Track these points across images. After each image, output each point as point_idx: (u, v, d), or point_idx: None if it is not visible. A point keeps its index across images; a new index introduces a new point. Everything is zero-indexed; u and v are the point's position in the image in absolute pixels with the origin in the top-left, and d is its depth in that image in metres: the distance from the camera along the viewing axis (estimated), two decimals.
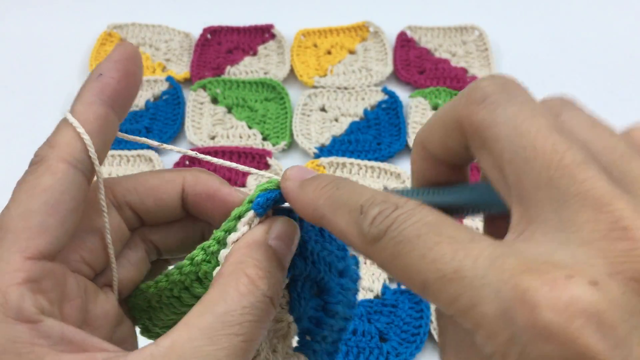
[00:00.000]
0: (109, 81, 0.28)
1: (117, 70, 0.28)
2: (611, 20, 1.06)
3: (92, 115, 0.27)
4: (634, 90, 0.95)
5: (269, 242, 0.28)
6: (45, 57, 1.00)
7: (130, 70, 0.28)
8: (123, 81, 0.28)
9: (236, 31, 1.02)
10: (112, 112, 0.28)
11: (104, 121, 0.27)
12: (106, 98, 0.28)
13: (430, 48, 1.00)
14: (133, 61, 0.28)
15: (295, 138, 0.86)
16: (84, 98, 0.28)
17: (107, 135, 0.28)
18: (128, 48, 0.29)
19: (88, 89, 0.28)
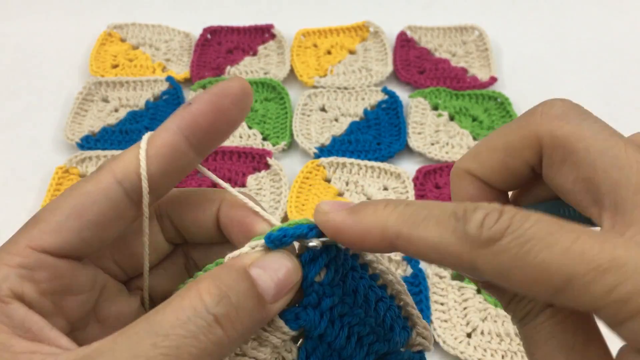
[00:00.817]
0: (193, 112, 0.27)
1: (208, 103, 0.27)
2: (610, 20, 1.06)
3: (162, 141, 0.27)
4: (633, 91, 0.95)
5: (249, 269, 0.26)
6: (46, 56, 1.00)
7: (223, 106, 0.27)
8: (210, 116, 0.27)
9: (236, 31, 1.03)
10: (186, 143, 0.27)
11: (172, 149, 0.27)
12: (184, 128, 0.27)
13: (430, 48, 1.00)
14: (231, 98, 0.27)
15: (295, 138, 0.86)
16: (166, 123, 0.27)
17: (176, 164, 0.27)
18: (233, 84, 0.27)
19: (173, 116, 0.27)
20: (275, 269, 0.26)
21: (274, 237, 0.27)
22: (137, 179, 0.26)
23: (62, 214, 0.26)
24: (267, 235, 0.27)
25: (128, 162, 0.26)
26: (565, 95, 1.09)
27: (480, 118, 0.89)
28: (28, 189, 0.81)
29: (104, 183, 0.26)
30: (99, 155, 0.83)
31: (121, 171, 0.26)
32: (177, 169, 0.27)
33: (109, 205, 0.26)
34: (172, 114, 0.27)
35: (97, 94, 0.93)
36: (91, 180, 0.26)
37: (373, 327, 0.29)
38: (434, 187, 0.81)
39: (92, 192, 0.26)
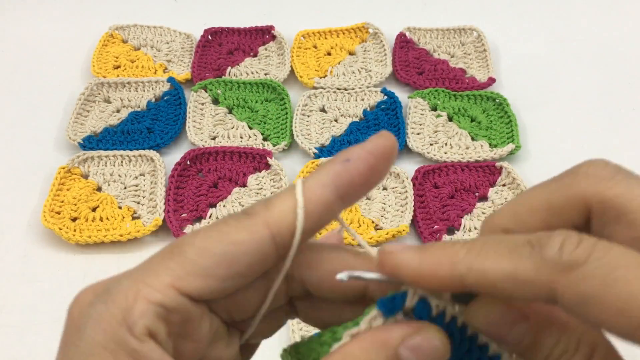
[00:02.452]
0: (351, 171, 0.26)
1: (365, 162, 0.26)
2: (609, 21, 1.07)
3: (320, 199, 0.26)
4: (632, 91, 0.96)
5: (399, 349, 0.24)
6: (47, 57, 1.01)
7: (378, 167, 0.26)
8: (366, 175, 0.26)
9: (237, 32, 1.03)
10: (339, 202, 0.26)
11: (326, 207, 0.26)
12: (341, 186, 0.26)
13: (429, 49, 1.01)
14: (386, 157, 0.26)
15: (296, 138, 0.87)
16: (322, 177, 0.26)
17: (323, 220, 0.26)
18: (388, 143, 0.26)
19: (329, 169, 0.26)
20: (424, 351, 0.24)
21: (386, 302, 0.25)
22: (289, 235, 0.25)
23: (212, 259, 0.25)
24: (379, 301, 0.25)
25: (284, 216, 0.25)
26: (564, 96, 1.10)
27: (479, 118, 0.90)
28: (30, 188, 0.82)
29: (258, 235, 0.25)
30: (101, 155, 0.84)
31: (276, 225, 0.25)
32: (324, 223, 0.27)
33: (259, 258, 0.25)
34: (327, 166, 0.26)
35: (99, 95, 0.93)
36: (244, 228, 0.25)
37: None
38: (433, 187, 0.82)
39: (245, 242, 0.25)
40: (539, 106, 0.93)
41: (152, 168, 0.83)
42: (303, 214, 0.25)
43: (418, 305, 0.25)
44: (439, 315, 0.25)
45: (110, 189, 0.81)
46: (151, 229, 0.75)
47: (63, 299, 0.77)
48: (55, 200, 0.79)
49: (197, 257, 0.25)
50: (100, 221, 0.77)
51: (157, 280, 0.24)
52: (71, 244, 0.75)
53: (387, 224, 0.77)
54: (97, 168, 0.83)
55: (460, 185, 0.81)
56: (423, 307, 0.25)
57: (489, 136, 0.88)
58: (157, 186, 0.80)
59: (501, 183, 0.82)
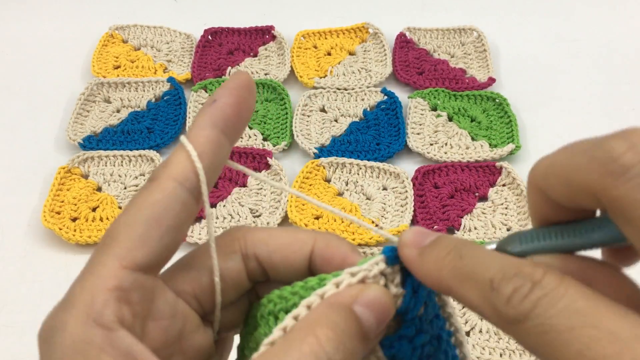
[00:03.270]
0: (222, 107, 0.28)
1: (231, 96, 0.29)
2: (609, 21, 1.07)
3: (204, 139, 0.28)
4: (631, 92, 0.96)
5: (353, 307, 0.26)
6: (48, 57, 1.01)
7: (243, 97, 0.29)
8: (236, 107, 0.29)
9: (237, 32, 1.03)
10: (224, 136, 0.28)
11: (214, 144, 0.28)
12: (218, 122, 0.28)
13: (429, 49, 1.01)
14: (246, 89, 0.29)
15: (296, 138, 0.87)
16: (198, 123, 0.28)
17: (218, 157, 0.28)
18: (243, 77, 0.29)
19: (202, 114, 0.29)
20: (375, 305, 0.26)
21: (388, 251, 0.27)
22: (195, 178, 0.27)
23: (142, 228, 0.26)
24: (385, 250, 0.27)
25: (182, 164, 0.27)
26: (564, 96, 1.10)
27: (479, 118, 0.90)
28: (30, 188, 0.82)
29: (169, 189, 0.27)
30: (101, 155, 0.84)
31: (180, 174, 0.27)
32: (221, 160, 0.29)
33: (180, 208, 0.27)
34: (199, 113, 0.29)
35: (99, 95, 0.93)
36: (154, 190, 0.27)
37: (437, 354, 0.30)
38: (433, 187, 0.82)
39: (161, 200, 0.27)
40: (539, 106, 0.93)
41: (152, 168, 0.83)
42: (196, 154, 0.27)
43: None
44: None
45: (110, 189, 0.81)
46: None
47: None
48: (55, 200, 0.79)
49: (128, 232, 0.26)
50: (100, 221, 0.77)
51: (105, 268, 0.25)
52: (71, 244, 0.75)
53: (387, 224, 0.77)
54: (97, 168, 0.83)
55: (460, 185, 0.81)
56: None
57: (489, 136, 0.88)
58: None
59: (501, 183, 0.82)
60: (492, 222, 0.78)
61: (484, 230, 0.77)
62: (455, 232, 0.77)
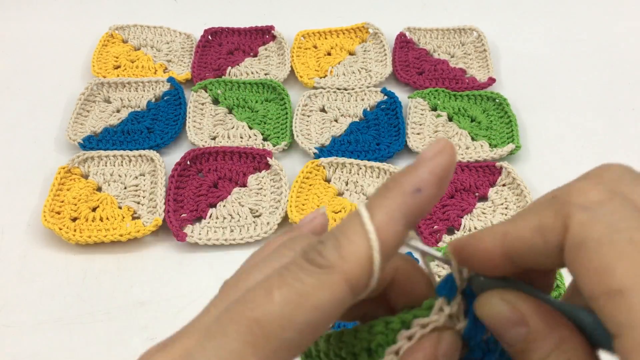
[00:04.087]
0: (423, 201, 0.24)
1: (439, 188, 0.24)
2: (609, 21, 1.07)
3: (393, 238, 0.24)
4: (632, 91, 0.96)
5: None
6: (47, 58, 1.01)
7: (444, 186, 0.25)
8: (435, 199, 0.25)
9: (237, 32, 1.03)
10: (407, 233, 0.25)
11: (399, 243, 0.24)
12: (413, 219, 0.24)
13: (429, 49, 1.01)
14: (449, 174, 0.25)
15: (296, 138, 0.87)
16: (392, 211, 0.24)
17: (393, 255, 0.25)
18: (451, 157, 0.25)
19: (400, 201, 0.24)
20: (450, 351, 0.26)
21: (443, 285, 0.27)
22: (365, 280, 0.24)
23: (295, 331, 0.22)
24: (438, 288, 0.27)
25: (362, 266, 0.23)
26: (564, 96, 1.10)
27: (479, 119, 0.90)
28: (30, 188, 0.82)
29: (341, 294, 0.23)
30: (101, 155, 0.84)
31: (355, 277, 0.23)
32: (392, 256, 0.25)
33: (339, 314, 0.24)
34: (394, 193, 0.24)
35: (99, 95, 0.93)
36: (323, 288, 0.23)
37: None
38: None
39: (327, 304, 0.23)
40: (539, 106, 0.93)
41: (152, 168, 0.83)
42: (380, 260, 0.23)
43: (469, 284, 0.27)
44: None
45: (110, 189, 0.81)
46: (151, 229, 0.75)
47: (63, 299, 0.77)
48: (55, 200, 0.79)
49: (280, 332, 0.22)
50: (100, 221, 0.77)
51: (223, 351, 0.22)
52: (71, 244, 0.75)
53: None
54: (97, 168, 0.83)
55: (460, 185, 0.81)
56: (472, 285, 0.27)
57: (489, 136, 0.88)
58: (157, 186, 0.81)
59: (501, 183, 0.82)
60: (492, 222, 0.78)
61: None
62: (455, 232, 0.77)
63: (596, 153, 0.87)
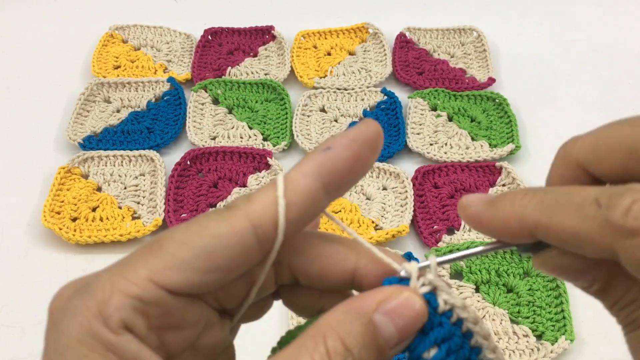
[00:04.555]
0: (334, 158, 0.25)
1: (347, 149, 0.25)
2: (609, 21, 1.07)
3: (302, 188, 0.25)
4: (631, 92, 0.96)
5: (373, 316, 0.24)
6: (48, 57, 1.01)
7: (361, 153, 0.26)
8: (349, 162, 0.25)
9: (237, 32, 1.03)
10: (324, 191, 0.25)
11: (310, 196, 0.25)
12: (324, 175, 0.25)
13: (429, 49, 1.01)
14: (369, 146, 0.26)
15: (296, 138, 0.87)
16: (303, 167, 0.25)
17: (310, 212, 0.25)
18: (370, 129, 0.26)
19: (311, 158, 0.25)
20: (400, 314, 0.24)
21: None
22: (272, 227, 0.24)
23: (190, 252, 0.24)
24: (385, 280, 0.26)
25: (265, 208, 0.24)
26: (564, 96, 1.10)
27: (479, 119, 0.90)
28: (30, 188, 0.82)
29: (239, 227, 0.24)
30: (101, 155, 0.84)
31: (258, 217, 0.24)
32: (311, 215, 0.26)
33: (240, 251, 0.24)
34: (308, 155, 0.25)
35: (99, 95, 0.93)
36: (224, 221, 0.24)
37: None
38: (433, 187, 0.82)
39: (224, 235, 0.24)
40: (539, 106, 0.93)
41: (152, 168, 0.83)
42: (284, 204, 0.24)
43: (426, 295, 0.25)
44: (445, 313, 0.25)
45: (110, 189, 0.81)
46: (151, 229, 0.75)
47: None
48: (55, 200, 0.79)
49: (176, 250, 0.24)
50: (100, 221, 0.77)
51: (135, 274, 0.24)
52: (71, 244, 0.75)
53: (387, 224, 0.77)
54: (97, 168, 0.83)
55: (460, 185, 0.81)
56: (430, 298, 0.25)
57: (489, 136, 0.88)
58: (157, 186, 0.81)
59: (501, 183, 0.82)
60: None
61: None
62: (455, 232, 0.77)
63: None
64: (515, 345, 0.66)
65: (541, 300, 0.69)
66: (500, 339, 0.67)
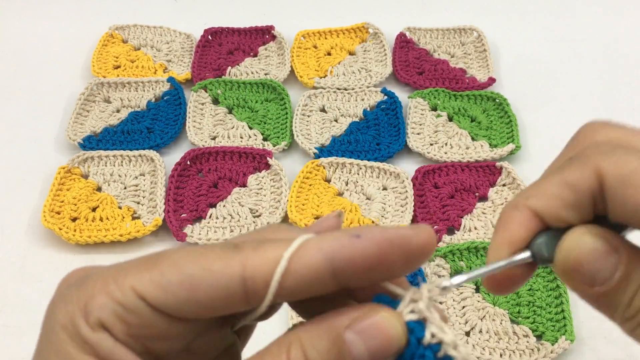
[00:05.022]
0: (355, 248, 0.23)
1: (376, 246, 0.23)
2: (609, 21, 1.07)
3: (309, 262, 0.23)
4: (631, 92, 0.96)
5: (344, 333, 0.23)
6: (48, 57, 1.01)
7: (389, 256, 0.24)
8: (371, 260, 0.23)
9: (237, 32, 1.03)
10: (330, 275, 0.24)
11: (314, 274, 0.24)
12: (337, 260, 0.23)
13: (429, 49, 1.01)
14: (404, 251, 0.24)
15: (296, 138, 0.87)
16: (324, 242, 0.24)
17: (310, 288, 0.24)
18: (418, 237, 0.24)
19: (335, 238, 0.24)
20: (373, 335, 0.23)
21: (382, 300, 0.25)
22: (262, 285, 0.23)
23: (177, 276, 0.24)
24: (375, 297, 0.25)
25: (264, 264, 0.23)
26: (564, 96, 1.10)
27: (479, 118, 0.90)
28: (30, 188, 0.82)
29: (230, 272, 0.23)
30: (101, 155, 0.84)
31: (252, 269, 0.23)
32: (311, 291, 0.24)
33: (224, 295, 0.24)
34: (337, 233, 0.24)
35: (99, 95, 0.93)
36: (222, 258, 0.24)
37: None
38: (433, 187, 0.82)
39: (215, 272, 0.24)
40: (539, 106, 0.93)
41: (152, 168, 0.83)
42: (284, 268, 0.23)
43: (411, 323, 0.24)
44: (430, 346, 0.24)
45: (110, 189, 0.81)
46: (151, 229, 0.75)
47: None
48: (55, 200, 0.79)
49: (165, 269, 0.24)
50: (100, 221, 0.77)
51: (123, 280, 0.24)
52: (71, 244, 0.75)
53: (387, 224, 0.77)
54: (97, 168, 0.83)
55: (460, 185, 0.81)
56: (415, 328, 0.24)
57: (489, 136, 0.88)
58: (157, 186, 0.81)
59: (501, 183, 0.82)
60: (492, 222, 0.78)
61: (484, 231, 0.77)
62: (455, 232, 0.77)
63: None
64: (515, 345, 0.66)
65: (541, 300, 0.69)
66: (500, 339, 0.67)
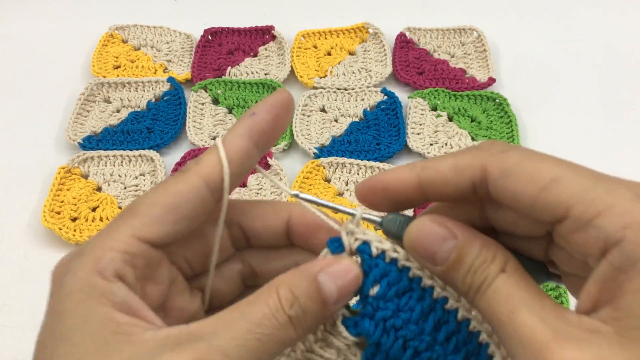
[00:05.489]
0: (259, 120, 0.32)
1: (269, 112, 0.32)
2: (609, 21, 1.07)
3: (237, 147, 0.32)
4: (632, 91, 0.96)
5: (317, 276, 0.30)
6: (48, 57, 1.01)
7: (280, 115, 0.33)
8: (272, 123, 0.32)
9: (237, 32, 1.03)
10: (255, 148, 0.32)
11: (245, 154, 0.32)
12: (253, 134, 0.32)
13: (429, 49, 1.01)
14: (285, 108, 0.33)
15: (296, 138, 0.87)
16: (235, 130, 0.32)
17: (245, 166, 0.32)
18: (284, 95, 0.33)
19: (241, 123, 0.32)
20: (339, 276, 0.30)
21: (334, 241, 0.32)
22: (219, 180, 0.31)
23: (161, 210, 0.30)
24: (328, 241, 0.32)
25: (212, 165, 0.31)
26: (564, 96, 1.10)
27: (479, 119, 0.90)
28: (30, 188, 0.82)
29: (194, 184, 0.31)
30: (101, 155, 0.84)
31: (207, 173, 0.31)
32: (247, 168, 0.32)
33: (198, 202, 0.31)
34: (238, 121, 0.32)
35: (99, 95, 0.93)
36: (182, 181, 0.31)
37: (431, 344, 0.31)
38: None
39: (184, 191, 0.31)
40: (539, 106, 0.93)
41: (152, 168, 0.83)
42: (227, 160, 0.31)
43: (360, 247, 0.32)
44: (379, 256, 0.32)
45: (110, 189, 0.81)
46: None
47: None
48: (55, 200, 0.79)
49: (149, 211, 0.30)
50: (100, 221, 0.77)
51: (120, 234, 0.30)
52: (71, 244, 0.75)
53: None
54: (97, 168, 0.83)
55: None
56: (364, 248, 0.32)
57: (489, 136, 0.88)
58: None
59: None
60: None
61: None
62: None
63: (596, 153, 0.87)
64: None
65: None
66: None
